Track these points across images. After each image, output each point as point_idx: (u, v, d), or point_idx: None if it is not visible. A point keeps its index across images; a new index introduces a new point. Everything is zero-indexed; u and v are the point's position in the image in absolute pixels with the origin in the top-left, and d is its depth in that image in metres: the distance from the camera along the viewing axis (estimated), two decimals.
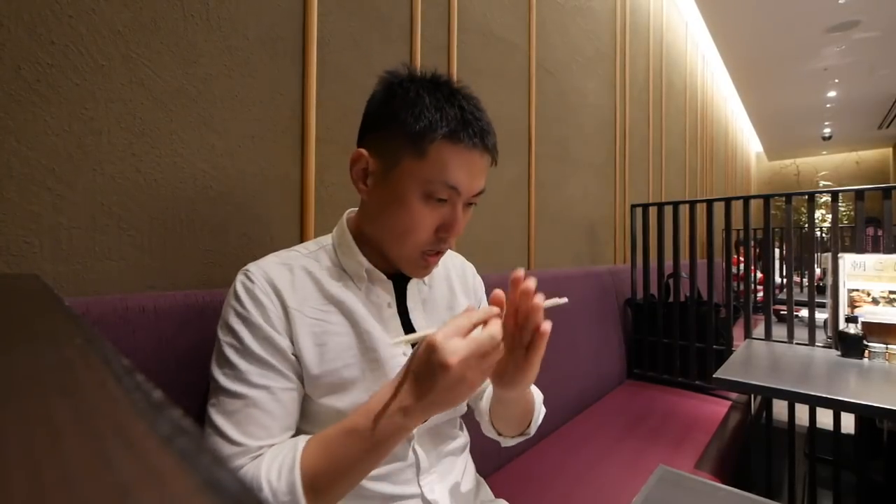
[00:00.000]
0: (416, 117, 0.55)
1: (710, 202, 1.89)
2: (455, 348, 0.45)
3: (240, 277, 0.59)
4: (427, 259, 0.61)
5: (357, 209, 0.69)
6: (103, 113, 0.69)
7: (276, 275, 0.59)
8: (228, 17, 0.84)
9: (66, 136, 0.66)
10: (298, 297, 0.59)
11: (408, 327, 0.67)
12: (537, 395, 0.75)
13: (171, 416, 0.12)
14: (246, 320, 0.56)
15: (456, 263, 0.82)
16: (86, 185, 0.68)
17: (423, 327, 0.69)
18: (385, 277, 0.65)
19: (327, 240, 0.68)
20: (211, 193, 0.82)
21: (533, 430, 0.73)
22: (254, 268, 0.59)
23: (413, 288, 0.70)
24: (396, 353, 0.63)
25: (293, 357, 0.57)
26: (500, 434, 0.74)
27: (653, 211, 2.05)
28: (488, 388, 0.77)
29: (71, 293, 0.66)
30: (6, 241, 0.61)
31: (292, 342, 0.57)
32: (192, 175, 0.80)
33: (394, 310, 0.66)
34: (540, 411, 0.74)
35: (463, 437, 0.75)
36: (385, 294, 0.66)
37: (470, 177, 0.58)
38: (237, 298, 0.57)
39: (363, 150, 0.60)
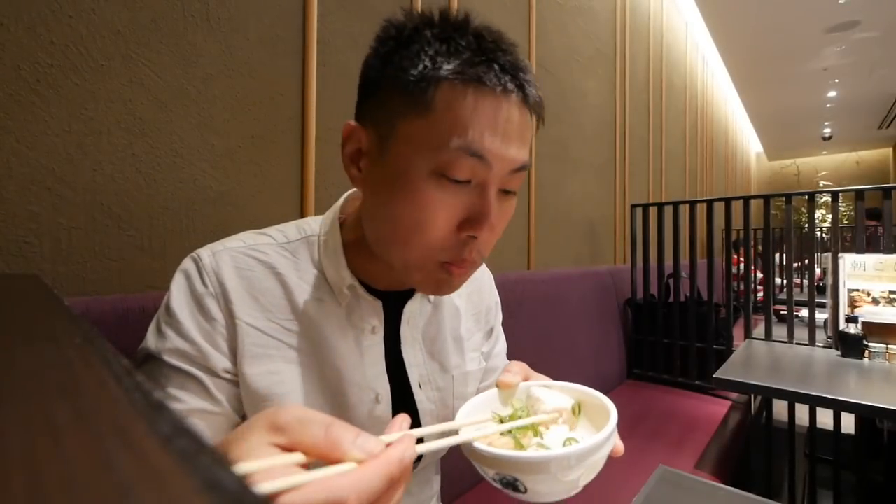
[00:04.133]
0: (412, 58, 0.39)
1: (710, 202, 1.89)
2: None
3: (187, 270, 0.45)
4: (449, 269, 0.43)
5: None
6: (103, 113, 0.69)
7: (229, 273, 0.45)
8: (228, 17, 0.84)
9: (66, 136, 0.66)
10: (257, 307, 0.46)
11: (396, 361, 0.52)
12: None
13: (171, 416, 0.12)
14: (179, 332, 0.43)
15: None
16: (86, 185, 0.68)
17: (417, 364, 0.54)
18: (371, 297, 0.50)
19: (314, 227, 0.52)
20: (211, 193, 0.82)
21: None
22: (207, 259, 0.45)
23: (413, 308, 0.53)
24: (368, 398, 0.49)
25: (228, 378, 0.44)
26: None
27: (653, 211, 2.05)
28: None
29: (71, 293, 0.66)
30: (6, 241, 0.61)
31: (234, 363, 0.45)
32: (192, 175, 0.80)
33: (378, 336, 0.51)
34: None
35: (436, 482, 0.63)
36: (370, 316, 0.50)
37: (501, 137, 0.39)
38: (175, 303, 0.44)
39: (354, 123, 0.45)
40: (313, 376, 0.47)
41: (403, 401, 0.53)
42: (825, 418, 1.59)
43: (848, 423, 1.53)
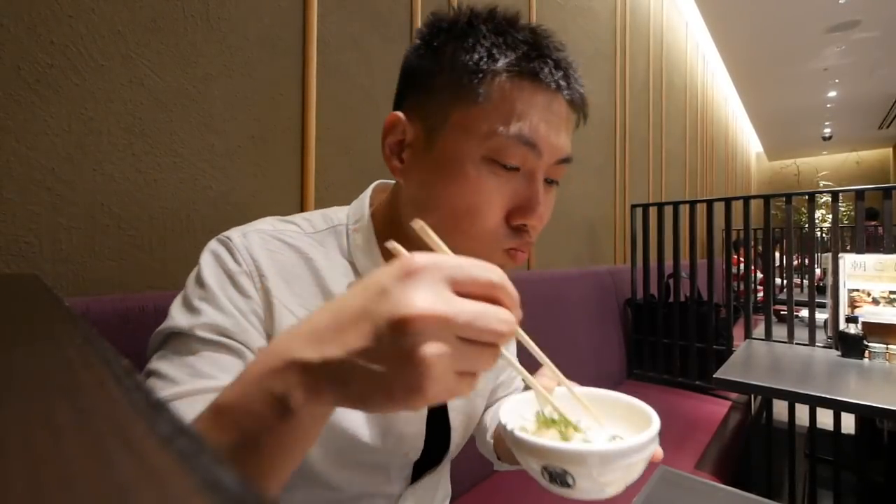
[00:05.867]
0: (468, 49, 0.40)
1: (710, 202, 1.89)
2: (436, 299, 0.24)
3: (215, 248, 0.44)
4: (515, 255, 0.43)
5: (388, 185, 0.53)
6: (103, 113, 0.69)
7: (262, 255, 0.44)
8: (228, 17, 0.84)
9: (65, 136, 0.66)
10: (289, 291, 0.44)
11: None
12: None
13: (171, 416, 0.12)
14: (218, 306, 0.41)
15: None
16: (86, 185, 0.68)
17: None
18: None
19: (341, 217, 0.51)
20: (211, 193, 0.82)
21: None
22: (238, 238, 0.44)
23: None
24: None
25: None
26: (499, 458, 0.63)
27: (653, 211, 2.05)
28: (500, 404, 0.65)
29: (71, 293, 0.66)
30: (6, 241, 0.61)
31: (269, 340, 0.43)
32: (192, 175, 0.80)
33: None
34: None
35: (447, 486, 0.64)
36: None
37: (551, 128, 0.41)
38: (209, 277, 0.42)
39: (398, 114, 0.44)
40: None
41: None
42: (825, 418, 1.59)
43: (848, 423, 1.53)
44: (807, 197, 1.64)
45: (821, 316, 1.59)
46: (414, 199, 0.45)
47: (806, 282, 1.92)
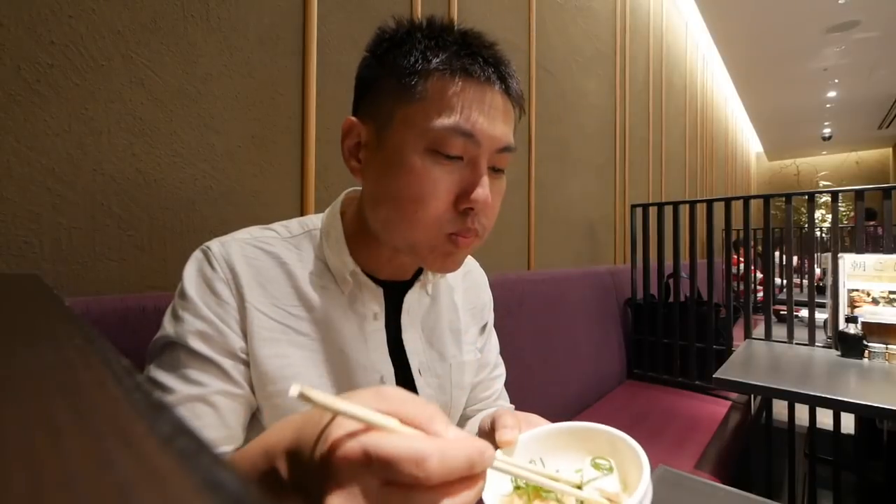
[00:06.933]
0: (405, 53, 0.45)
1: (710, 202, 1.89)
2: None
3: (197, 257, 0.48)
4: (456, 241, 0.46)
5: (359, 191, 0.56)
6: (103, 113, 0.69)
7: (239, 261, 0.48)
8: (228, 17, 0.84)
9: (66, 136, 0.66)
10: (264, 294, 0.48)
11: (397, 348, 0.54)
12: None
13: (171, 416, 0.12)
14: (197, 314, 0.45)
15: (468, 267, 0.67)
16: (86, 185, 0.68)
17: (417, 351, 0.56)
18: (372, 284, 0.52)
19: (316, 222, 0.55)
20: (211, 193, 0.82)
21: None
22: (216, 247, 0.48)
23: (412, 298, 0.56)
24: (373, 380, 0.52)
25: (244, 357, 0.46)
26: None
27: (653, 211, 2.05)
28: (478, 417, 0.66)
29: (71, 293, 0.66)
30: (6, 241, 0.61)
31: (247, 345, 0.47)
32: (192, 175, 0.80)
33: (380, 323, 0.53)
34: None
35: None
36: (372, 303, 0.52)
37: (487, 118, 0.44)
38: (189, 287, 0.46)
39: (352, 118, 0.49)
40: (320, 359, 0.49)
41: (406, 386, 0.54)
42: (825, 418, 1.59)
43: (848, 423, 1.53)
44: (807, 197, 1.64)
45: (820, 316, 1.59)
46: (370, 195, 0.49)
47: (806, 282, 1.92)
